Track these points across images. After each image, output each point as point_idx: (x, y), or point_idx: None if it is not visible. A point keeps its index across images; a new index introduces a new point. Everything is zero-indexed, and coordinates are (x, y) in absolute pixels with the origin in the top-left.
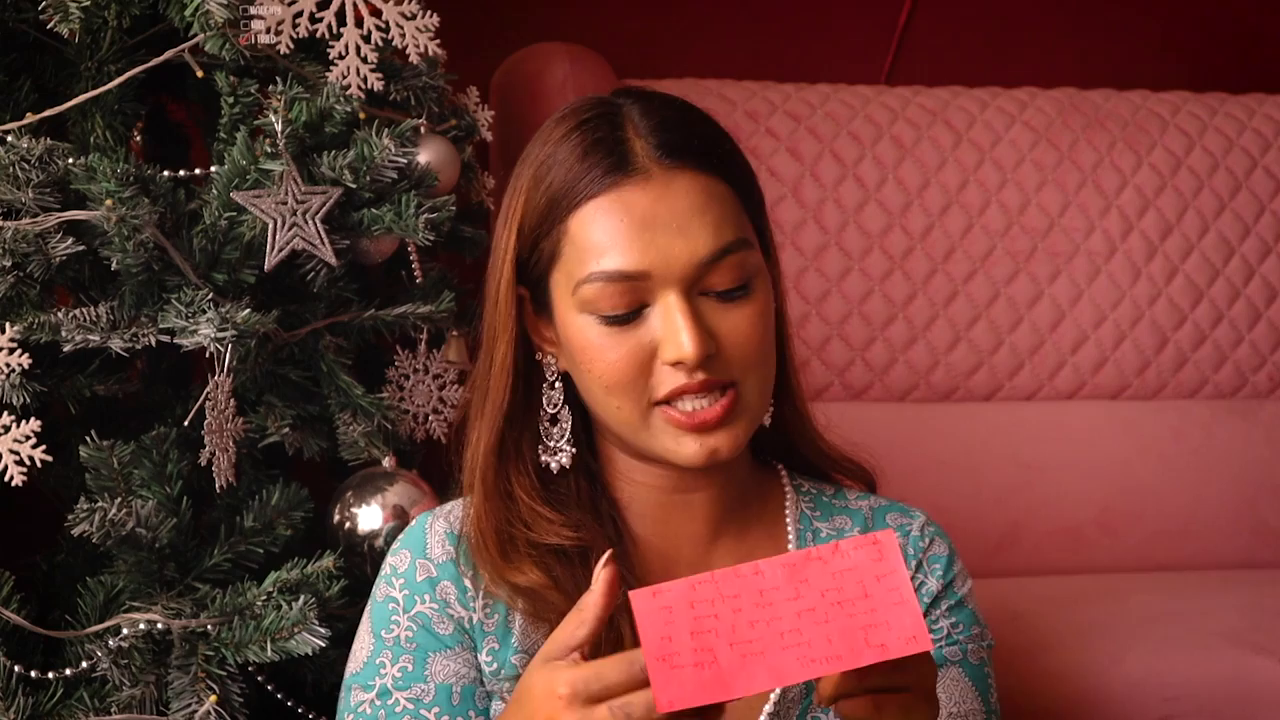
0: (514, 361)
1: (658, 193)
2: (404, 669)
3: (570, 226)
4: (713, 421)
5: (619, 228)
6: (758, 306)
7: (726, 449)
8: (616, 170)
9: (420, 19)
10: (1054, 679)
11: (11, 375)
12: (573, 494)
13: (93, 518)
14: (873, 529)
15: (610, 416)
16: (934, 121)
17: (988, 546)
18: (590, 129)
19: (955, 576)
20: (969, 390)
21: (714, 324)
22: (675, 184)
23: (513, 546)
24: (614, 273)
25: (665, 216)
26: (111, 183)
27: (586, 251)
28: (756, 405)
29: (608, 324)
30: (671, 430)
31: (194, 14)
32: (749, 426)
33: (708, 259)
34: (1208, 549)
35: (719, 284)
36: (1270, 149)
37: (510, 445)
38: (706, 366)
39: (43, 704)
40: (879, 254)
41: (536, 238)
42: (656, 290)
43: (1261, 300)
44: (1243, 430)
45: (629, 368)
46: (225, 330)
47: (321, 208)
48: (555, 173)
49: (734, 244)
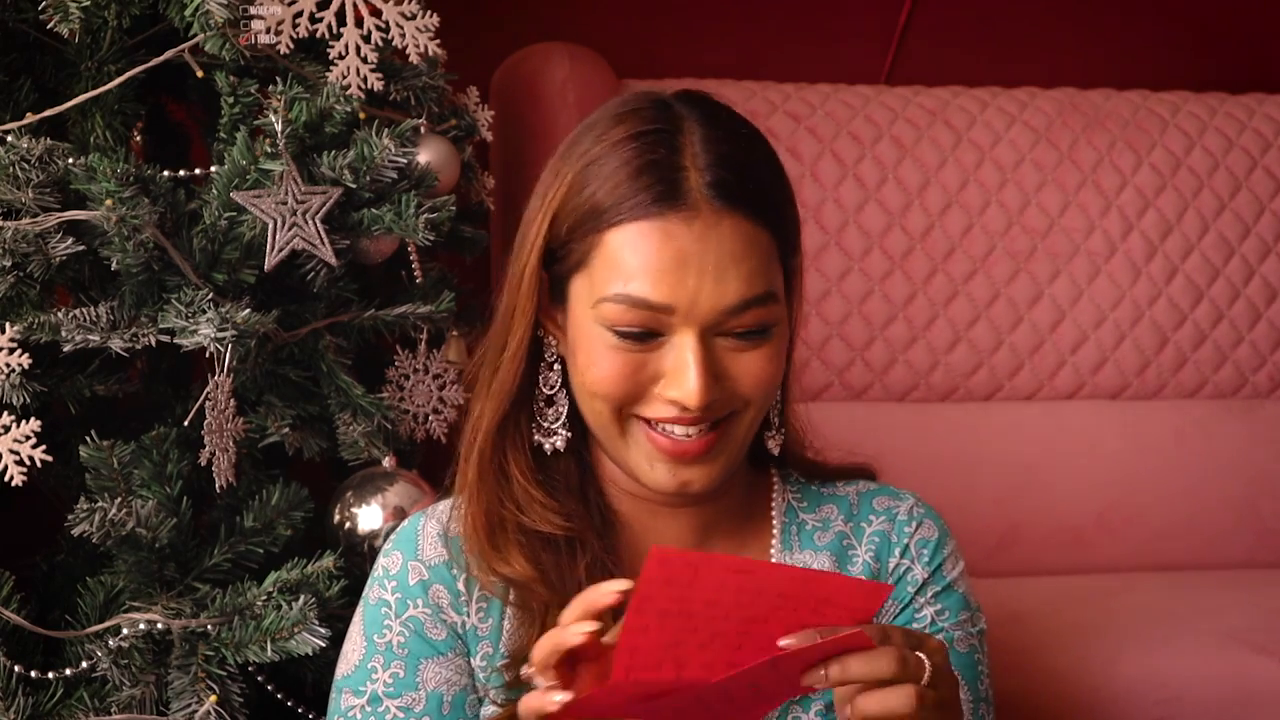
0: (529, 343)
1: (700, 233)
2: (395, 675)
3: (606, 240)
4: (693, 454)
5: (655, 257)
6: (771, 351)
7: (699, 484)
8: (665, 199)
9: (420, 19)
10: (1054, 679)
11: (11, 375)
12: (564, 479)
13: (93, 518)
14: (858, 514)
15: (590, 416)
16: (934, 121)
17: (988, 546)
18: (648, 145)
19: (945, 560)
20: (969, 390)
21: (725, 364)
22: (720, 227)
23: (502, 531)
24: (639, 299)
25: (704, 258)
26: (111, 183)
27: (617, 270)
28: (740, 442)
29: (620, 338)
30: (647, 450)
31: (194, 14)
32: (728, 465)
33: (734, 309)
34: (1208, 549)
35: (738, 328)
36: (1270, 149)
37: (511, 423)
38: (705, 409)
39: (43, 704)
40: (879, 254)
41: (570, 239)
42: (677, 326)
43: (1261, 300)
44: (1243, 430)
45: (625, 383)
46: (225, 330)
47: (321, 208)
48: (603, 182)
49: (762, 297)
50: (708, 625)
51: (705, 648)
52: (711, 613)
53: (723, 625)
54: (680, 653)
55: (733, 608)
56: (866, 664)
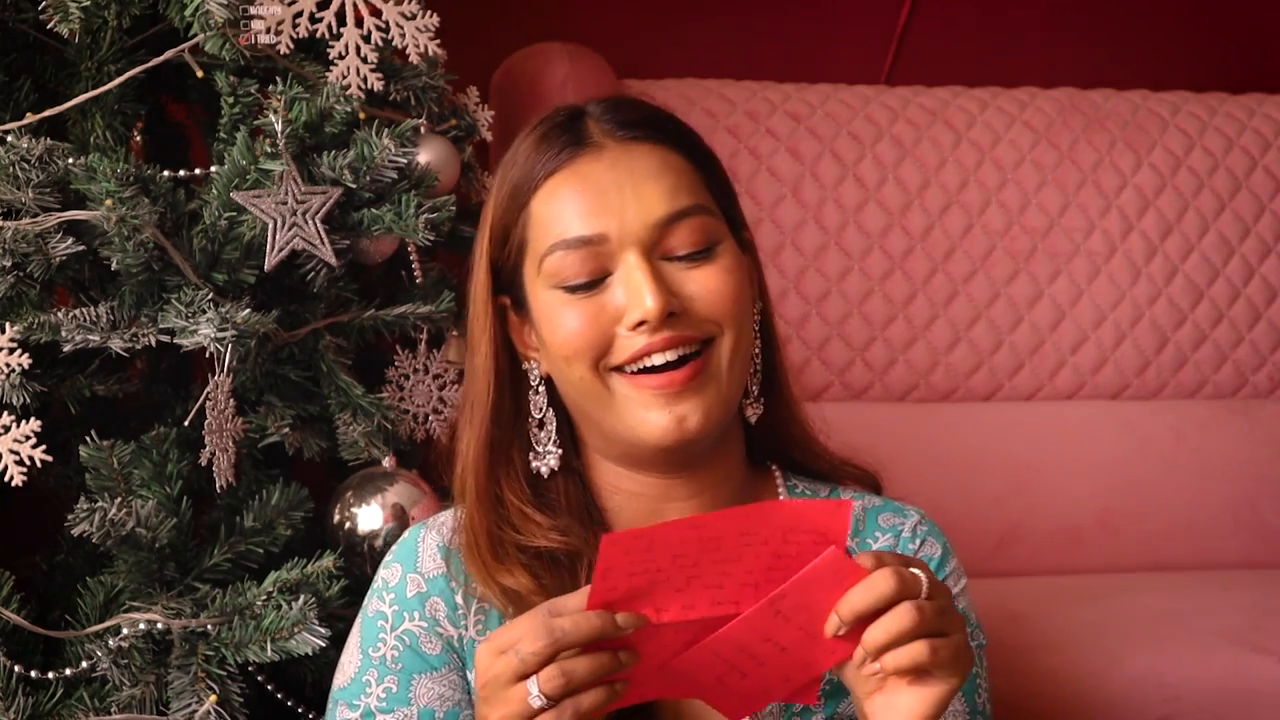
0: (495, 368)
1: (611, 161)
2: (388, 690)
3: (532, 208)
4: (680, 382)
5: (575, 197)
6: (723, 265)
7: (696, 420)
8: (572, 146)
9: (420, 19)
10: (1054, 679)
11: (11, 375)
12: (561, 497)
13: (93, 518)
14: (864, 530)
15: (576, 392)
16: (934, 121)
17: (988, 546)
18: (548, 121)
19: (947, 577)
20: (969, 390)
21: (678, 285)
22: (631, 152)
23: (503, 550)
24: (573, 239)
25: (620, 180)
26: (111, 183)
27: (547, 226)
28: (728, 375)
29: (570, 292)
30: (635, 397)
31: (194, 14)
32: (720, 399)
33: (664, 219)
34: (1208, 549)
35: (679, 246)
36: (1270, 149)
37: (500, 451)
38: (671, 324)
39: (43, 704)
40: (879, 254)
41: (506, 233)
42: (617, 254)
43: (1261, 300)
44: (1243, 430)
45: (589, 332)
46: (225, 330)
47: (321, 208)
48: (516, 167)
49: (691, 208)
50: (680, 573)
51: (681, 591)
52: (680, 564)
53: (693, 571)
54: (655, 599)
55: (699, 555)
56: (867, 591)
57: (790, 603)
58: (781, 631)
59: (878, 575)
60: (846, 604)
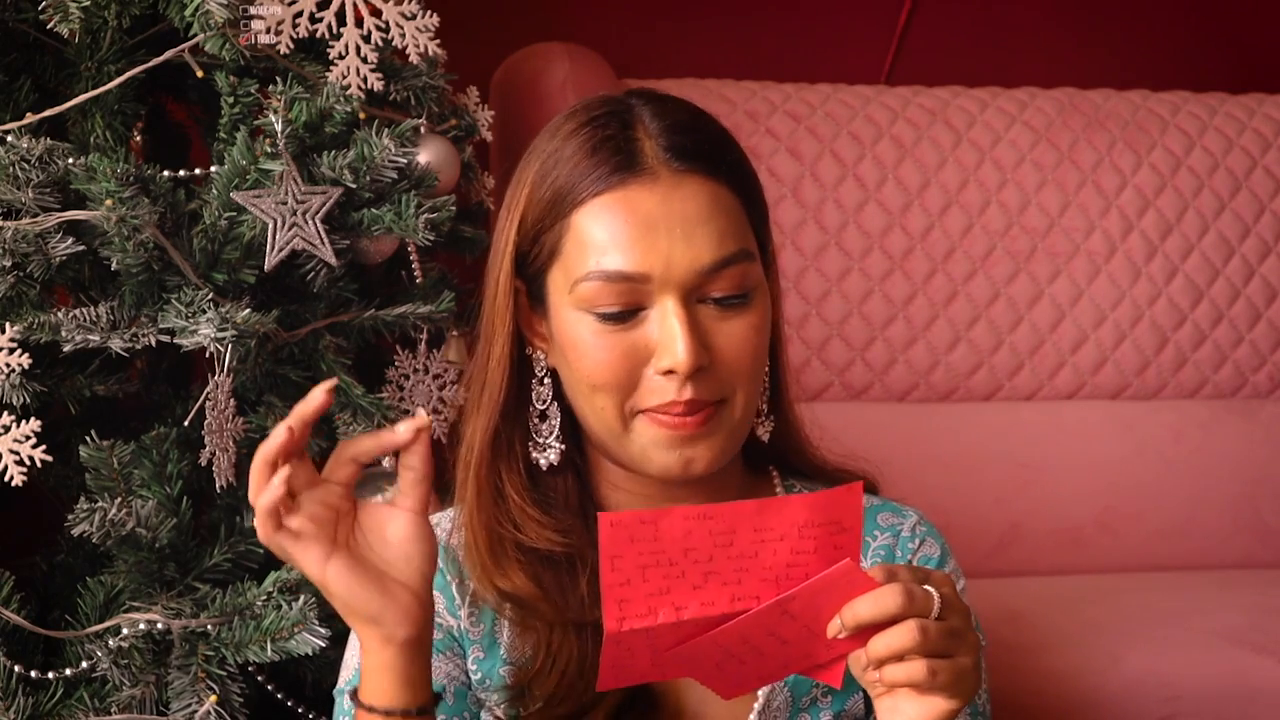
0: (510, 355)
1: (664, 195)
2: None
3: (573, 222)
4: (693, 427)
5: (623, 227)
6: (755, 319)
7: (704, 462)
8: (624, 169)
9: (420, 19)
10: (1054, 679)
11: (11, 375)
12: (561, 495)
13: (93, 518)
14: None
15: (593, 417)
16: (934, 121)
17: (988, 546)
18: (599, 126)
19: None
20: (969, 390)
21: (710, 333)
22: (683, 188)
23: (501, 549)
24: (614, 273)
25: (670, 220)
26: (111, 183)
27: (588, 249)
28: (740, 421)
29: (603, 321)
30: (652, 436)
31: (194, 14)
32: (730, 441)
33: (710, 268)
34: (1208, 549)
35: (718, 291)
36: (1270, 149)
37: (504, 441)
38: (696, 381)
39: (43, 704)
40: (879, 254)
41: (538, 232)
42: (655, 294)
43: (1261, 300)
44: (1243, 430)
45: (619, 368)
46: (225, 330)
47: (321, 208)
48: (561, 168)
49: (737, 255)
50: (695, 569)
51: (700, 588)
52: (694, 558)
53: (710, 566)
54: (674, 597)
55: (714, 549)
56: (873, 604)
57: (799, 604)
58: (786, 627)
59: (885, 590)
60: (850, 611)
